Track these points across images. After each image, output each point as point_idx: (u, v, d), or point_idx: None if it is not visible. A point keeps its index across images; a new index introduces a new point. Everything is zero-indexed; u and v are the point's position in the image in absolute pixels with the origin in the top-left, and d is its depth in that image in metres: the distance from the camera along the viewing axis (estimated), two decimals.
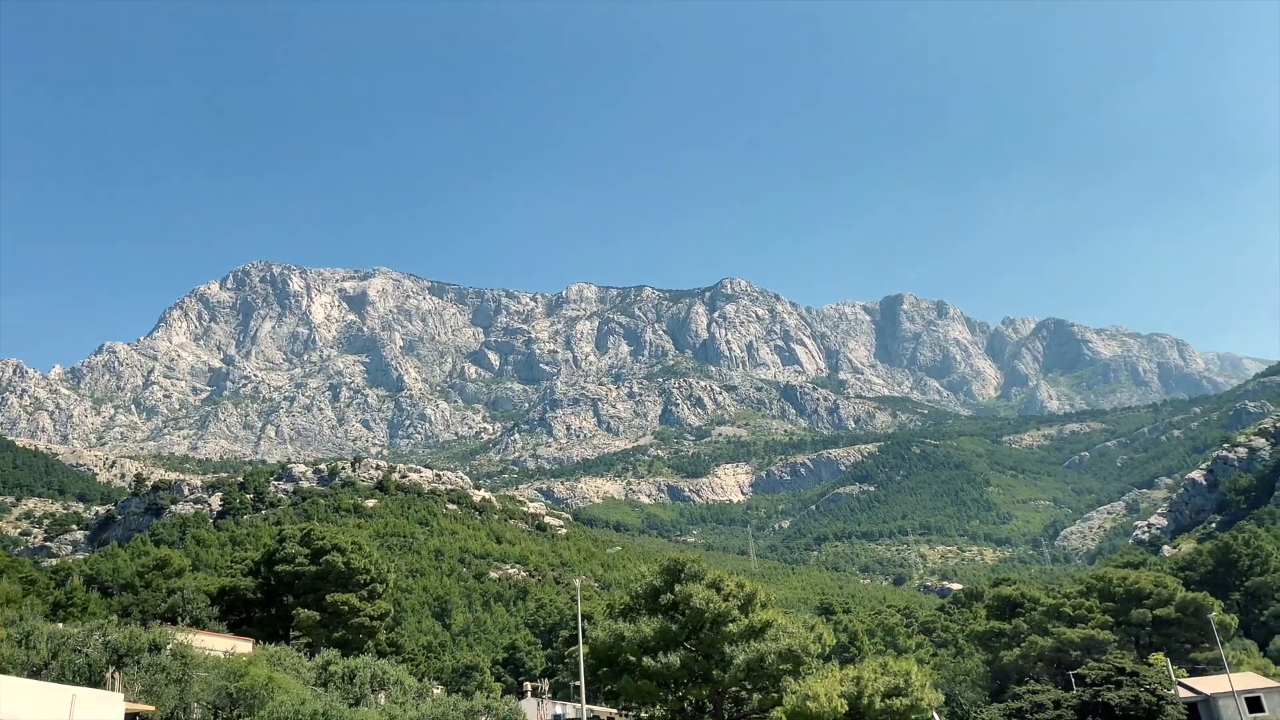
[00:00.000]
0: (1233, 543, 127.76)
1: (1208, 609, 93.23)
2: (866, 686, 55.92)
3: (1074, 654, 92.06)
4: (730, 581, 59.75)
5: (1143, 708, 70.27)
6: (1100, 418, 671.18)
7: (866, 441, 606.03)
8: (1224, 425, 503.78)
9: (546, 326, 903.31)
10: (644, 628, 57.05)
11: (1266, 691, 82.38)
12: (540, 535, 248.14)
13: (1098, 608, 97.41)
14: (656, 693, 57.36)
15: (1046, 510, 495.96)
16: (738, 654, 55.95)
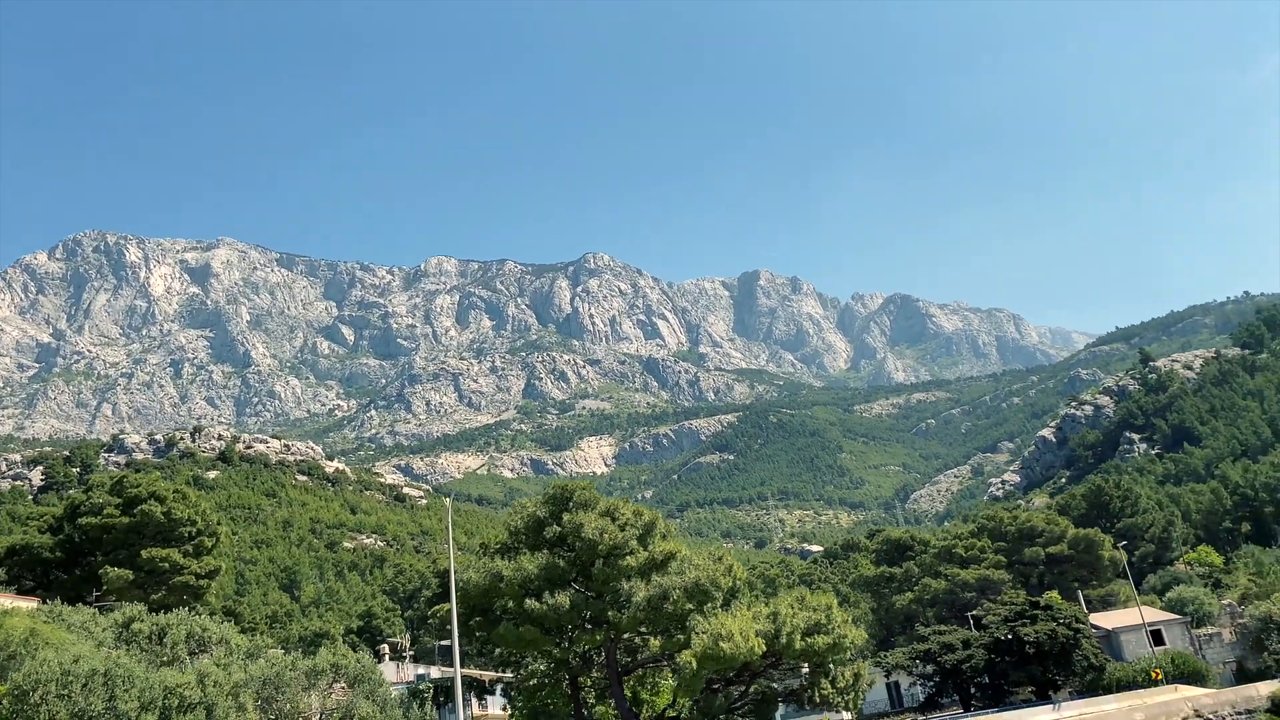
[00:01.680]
0: (1105, 485, 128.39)
1: (1099, 544, 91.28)
2: (784, 624, 48.97)
3: (968, 595, 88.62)
4: (626, 509, 51.69)
5: (1060, 642, 66.33)
6: (944, 387, 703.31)
7: (726, 412, 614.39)
8: (1059, 392, 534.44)
9: (404, 300, 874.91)
10: (526, 565, 48.43)
11: (1167, 624, 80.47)
12: (399, 506, 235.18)
13: (990, 548, 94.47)
14: (541, 641, 48.90)
15: (897, 475, 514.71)
16: (638, 590, 48.05)
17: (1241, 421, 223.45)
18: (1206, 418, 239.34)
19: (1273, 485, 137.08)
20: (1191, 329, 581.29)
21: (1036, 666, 67.99)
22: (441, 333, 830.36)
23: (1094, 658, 68.96)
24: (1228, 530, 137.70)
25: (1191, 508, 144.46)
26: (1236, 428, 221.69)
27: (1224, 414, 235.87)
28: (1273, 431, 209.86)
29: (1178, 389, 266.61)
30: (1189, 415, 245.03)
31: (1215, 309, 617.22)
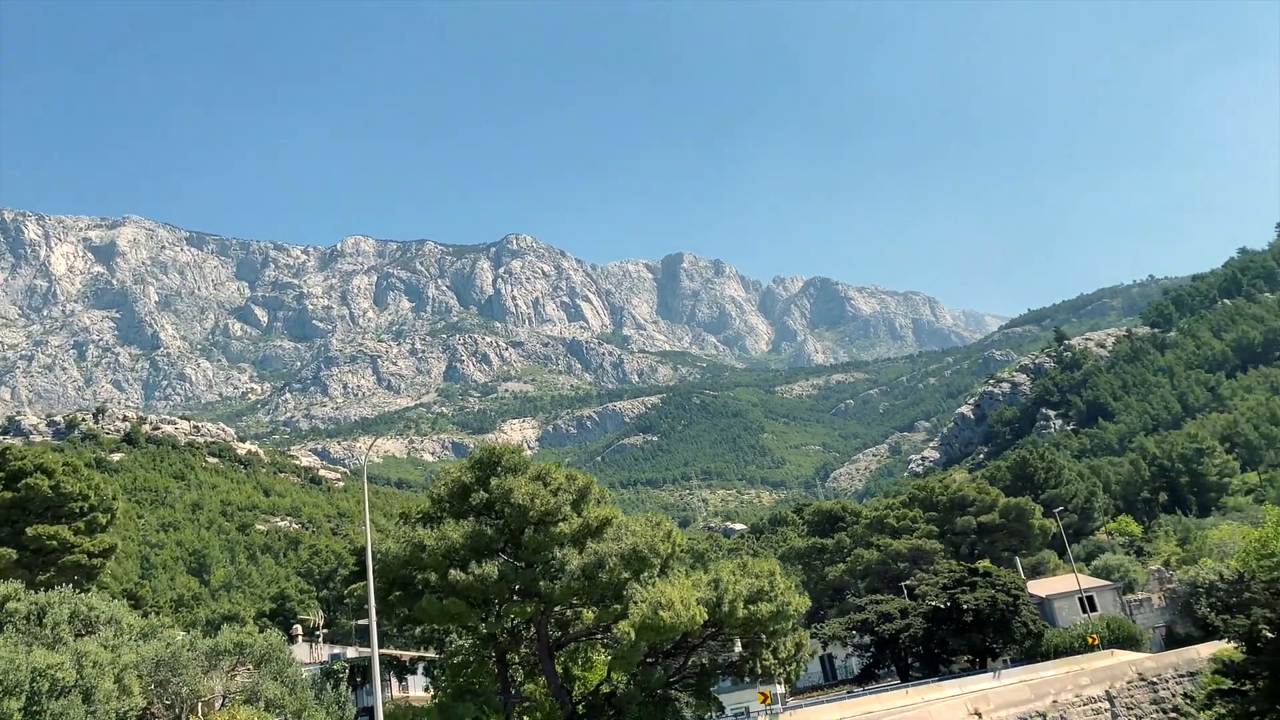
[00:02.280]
0: (1029, 457, 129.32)
1: (1030, 513, 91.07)
2: (726, 591, 46.37)
3: (901, 565, 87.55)
4: (559, 474, 48.41)
5: (999, 609, 65.19)
6: (863, 368, 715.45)
7: (650, 394, 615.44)
8: (973, 372, 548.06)
9: (320, 281, 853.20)
10: (451, 533, 44.87)
11: (1098, 590, 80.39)
12: (315, 488, 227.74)
13: (921, 518, 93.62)
14: (467, 615, 45.44)
15: (817, 454, 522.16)
16: (571, 559, 44.90)
17: (1153, 397, 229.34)
18: (1119, 394, 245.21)
19: (1188, 456, 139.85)
20: (1100, 311, 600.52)
21: (976, 634, 66.90)
22: (359, 314, 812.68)
23: (1032, 624, 68.18)
24: (1145, 500, 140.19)
25: (1111, 479, 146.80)
26: (1148, 403, 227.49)
27: (1136, 390, 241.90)
28: (1182, 406, 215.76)
29: (1092, 367, 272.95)
30: (1103, 392, 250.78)
31: (1123, 291, 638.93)
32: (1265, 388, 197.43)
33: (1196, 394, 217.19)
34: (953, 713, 43.23)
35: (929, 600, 68.51)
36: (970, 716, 44.20)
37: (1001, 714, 45.54)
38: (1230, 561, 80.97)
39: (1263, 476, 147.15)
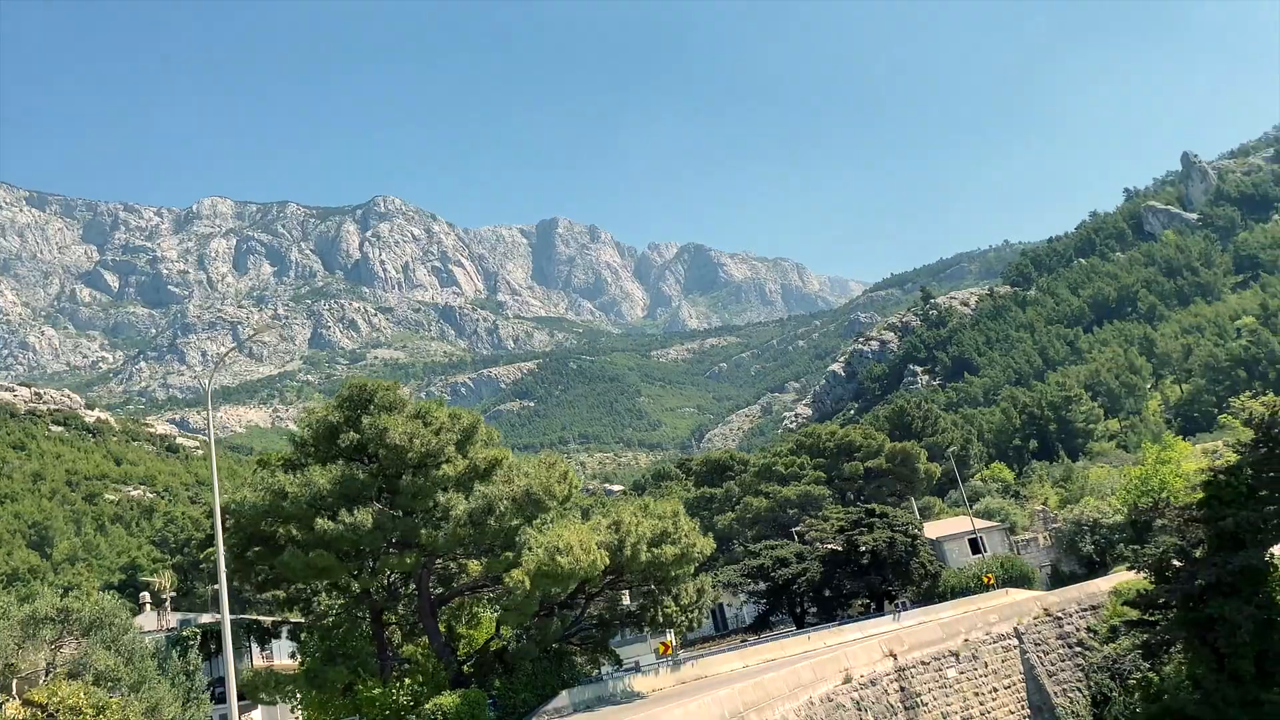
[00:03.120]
0: (907, 406, 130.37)
1: (916, 457, 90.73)
2: (628, 533, 42.64)
3: (790, 513, 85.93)
4: (441, 413, 43.62)
5: (898, 550, 63.64)
6: (735, 332, 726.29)
7: (526, 360, 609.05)
8: (840, 335, 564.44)
9: (175, 245, 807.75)
10: (317, 479, 39.64)
11: (986, 532, 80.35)
12: (172, 457, 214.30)
13: (809, 464, 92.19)
14: (337, 569, 40.46)
15: (692, 416, 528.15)
16: (456, 504, 40.35)
17: (1015, 352, 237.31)
18: (984, 349, 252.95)
19: (1057, 404, 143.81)
20: (958, 275, 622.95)
21: (875, 576, 65.42)
22: (218, 279, 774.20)
23: (929, 565, 67.15)
24: (1016, 448, 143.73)
25: (983, 428, 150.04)
26: (1011, 358, 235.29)
27: (999, 345, 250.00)
28: (1043, 360, 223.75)
29: (956, 324, 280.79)
30: (968, 348, 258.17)
31: (979, 256, 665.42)
32: (1120, 340, 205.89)
33: (1056, 348, 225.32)
34: (869, 654, 40.95)
35: (826, 543, 66.66)
36: (886, 658, 42.00)
37: (916, 654, 43.56)
38: (1112, 499, 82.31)
39: (1123, 423, 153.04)
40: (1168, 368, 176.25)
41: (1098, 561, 76.49)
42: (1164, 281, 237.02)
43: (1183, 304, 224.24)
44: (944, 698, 43.19)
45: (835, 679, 37.02)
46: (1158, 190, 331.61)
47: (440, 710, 37.01)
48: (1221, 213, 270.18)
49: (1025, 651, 49.04)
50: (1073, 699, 48.91)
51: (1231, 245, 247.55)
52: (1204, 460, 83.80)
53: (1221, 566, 41.03)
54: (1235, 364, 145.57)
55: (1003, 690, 46.94)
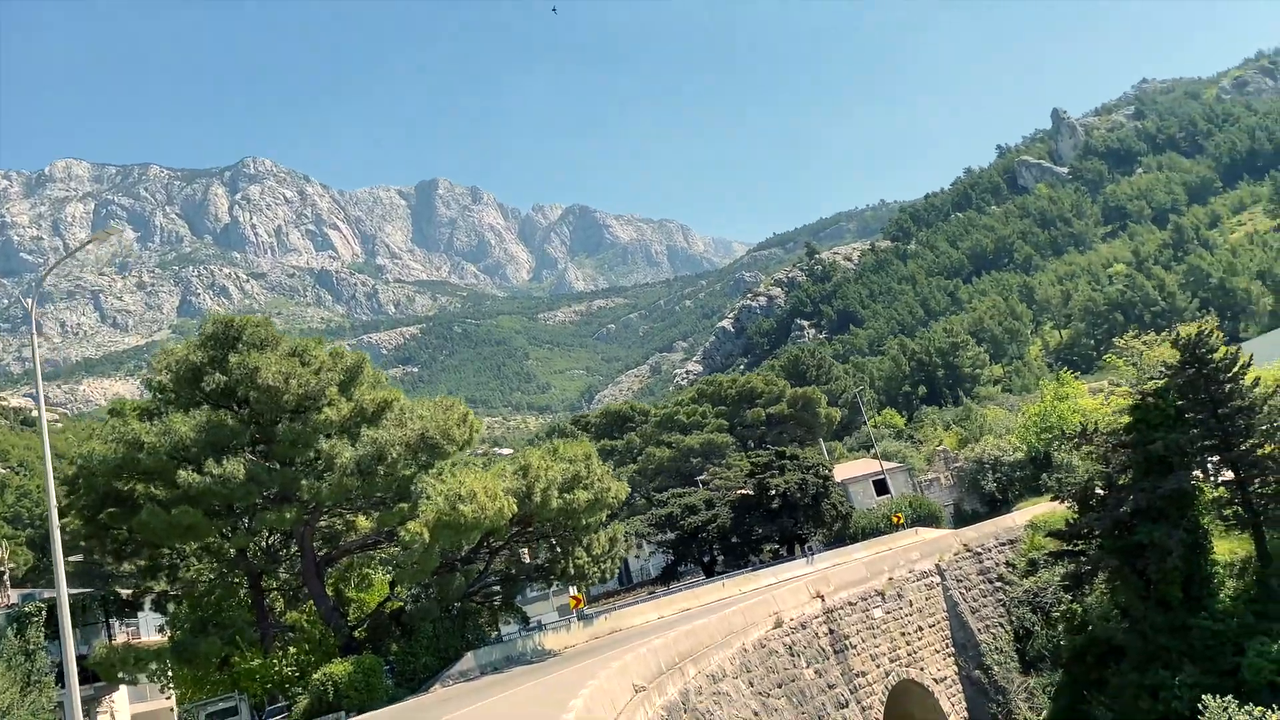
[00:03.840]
0: (801, 354, 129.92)
1: (817, 402, 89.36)
2: (537, 478, 38.84)
3: (694, 461, 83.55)
4: (320, 351, 38.83)
5: (810, 492, 61.58)
6: (622, 294, 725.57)
7: (409, 325, 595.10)
8: (725, 294, 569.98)
9: (27, 209, 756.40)
10: (178, 426, 34.59)
11: (891, 473, 79.45)
12: (28, 431, 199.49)
13: (711, 412, 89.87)
14: (204, 528, 35.59)
15: (581, 378, 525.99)
16: (342, 451, 35.84)
17: (898, 304, 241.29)
18: (868, 302, 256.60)
19: (945, 350, 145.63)
20: (838, 234, 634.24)
21: (787, 519, 63.37)
22: (75, 245, 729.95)
23: (840, 506, 65.51)
24: (906, 395, 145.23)
25: (874, 376, 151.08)
26: (894, 309, 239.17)
27: (883, 298, 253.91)
28: (925, 310, 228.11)
29: (841, 278, 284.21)
30: (852, 301, 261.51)
31: (857, 215, 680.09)
32: (999, 290, 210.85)
33: (938, 299, 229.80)
34: (796, 597, 38.53)
35: (735, 489, 64.26)
36: (814, 599, 39.63)
37: (843, 595, 41.37)
38: (1010, 438, 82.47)
39: (1007, 368, 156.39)
40: (1047, 314, 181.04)
41: (999, 499, 76.45)
42: (1039, 232, 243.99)
43: (1057, 254, 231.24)
44: (872, 639, 41.23)
45: (766, 624, 34.43)
46: (1029, 146, 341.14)
47: (330, 680, 32.82)
48: (1090, 166, 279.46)
49: (948, 588, 47.60)
50: (995, 635, 47.76)
51: (1101, 197, 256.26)
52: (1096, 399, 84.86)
53: (1151, 491, 39.92)
54: (1112, 308, 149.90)
55: (928, 629, 45.36)
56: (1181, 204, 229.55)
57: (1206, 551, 40.81)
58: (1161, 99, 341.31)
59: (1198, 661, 38.68)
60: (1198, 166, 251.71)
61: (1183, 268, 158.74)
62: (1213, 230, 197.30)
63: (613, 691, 19.78)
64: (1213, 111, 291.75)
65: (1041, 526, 53.44)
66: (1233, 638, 38.95)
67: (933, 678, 44.05)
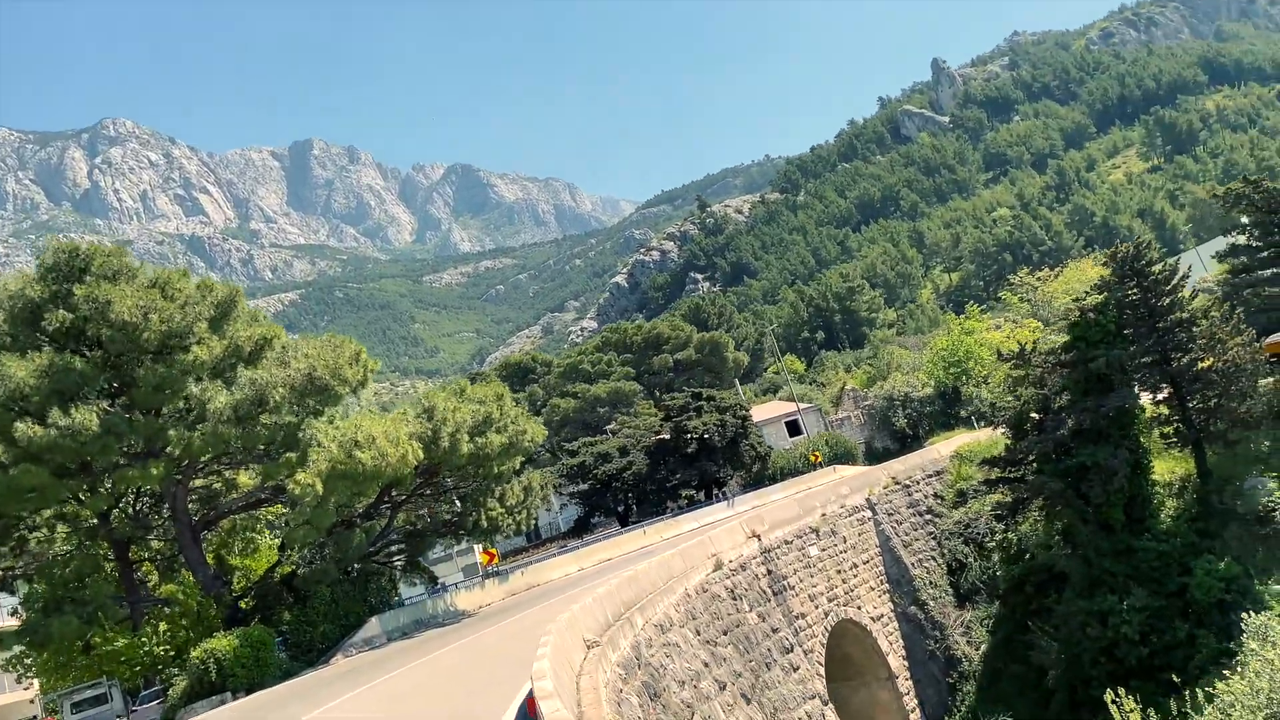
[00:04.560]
0: (702, 303, 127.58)
1: (724, 346, 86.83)
2: (445, 421, 34.72)
3: (601, 411, 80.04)
4: (185, 283, 33.67)
5: (729, 433, 58.80)
6: (510, 254, 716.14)
7: (287, 290, 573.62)
8: (616, 252, 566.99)
9: None
10: (14, 371, 29.24)
11: (804, 413, 77.55)
12: None
13: (617, 360, 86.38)
14: (54, 489, 30.48)
15: (470, 341, 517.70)
16: (215, 395, 31.04)
17: (790, 254, 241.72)
18: (760, 253, 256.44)
19: (842, 294, 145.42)
20: (725, 189, 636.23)
21: (706, 462, 60.54)
22: None
23: (758, 447, 63.03)
24: (805, 341, 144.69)
25: (773, 323, 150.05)
26: (787, 259, 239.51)
27: (775, 249, 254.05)
28: (817, 260, 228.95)
29: (733, 231, 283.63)
30: (745, 252, 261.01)
31: (744, 170, 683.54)
32: (887, 237, 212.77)
33: (829, 248, 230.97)
34: (733, 537, 35.66)
35: (650, 435, 61.08)
36: (750, 539, 36.81)
37: (779, 534, 38.70)
38: (919, 374, 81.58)
39: (900, 311, 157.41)
40: (937, 258, 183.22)
41: (910, 435, 75.40)
42: (924, 180, 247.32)
43: (942, 200, 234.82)
44: (809, 578, 38.79)
45: (706, 566, 31.47)
46: (910, 97, 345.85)
47: (213, 657, 28.42)
48: (970, 115, 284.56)
49: (880, 523, 45.57)
50: (929, 569, 46.03)
51: (981, 144, 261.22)
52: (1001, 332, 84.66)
53: (1095, 410, 38.23)
54: (1001, 248, 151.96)
55: (862, 565, 43.24)
56: (1059, 149, 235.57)
57: (1147, 472, 39.46)
58: (1033, 50, 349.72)
59: (1144, 584, 37.34)
60: (1072, 113, 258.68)
61: (1068, 207, 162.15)
62: (1091, 173, 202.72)
63: (568, 649, 16.27)
64: (1083, 61, 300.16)
65: (967, 457, 51.96)
66: (1178, 558, 37.72)
67: (870, 616, 41.95)
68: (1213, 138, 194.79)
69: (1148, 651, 36.09)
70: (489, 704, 17.63)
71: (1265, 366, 39.58)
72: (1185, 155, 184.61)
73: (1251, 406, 38.32)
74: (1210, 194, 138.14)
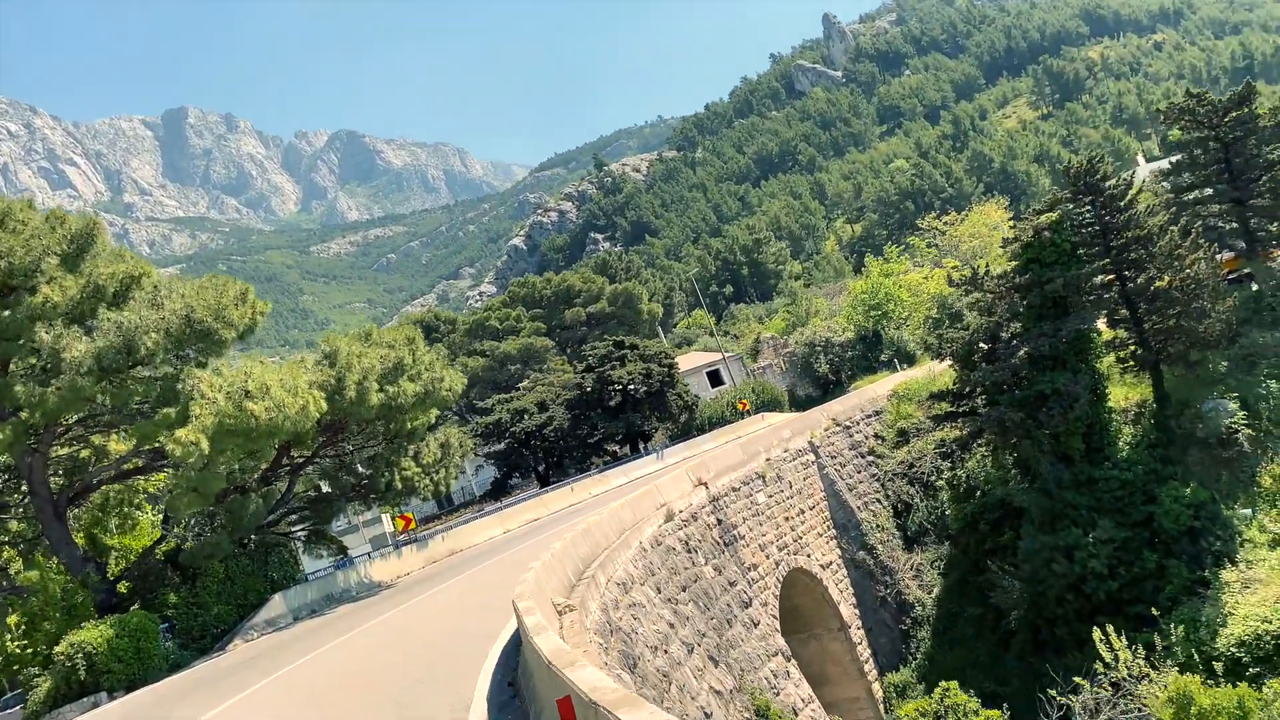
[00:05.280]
0: (608, 258, 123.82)
1: (639, 298, 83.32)
2: (350, 367, 30.28)
3: (512, 369, 75.74)
4: (31, 214, 28.34)
5: (656, 381, 55.37)
6: (401, 221, 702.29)
7: (166, 265, 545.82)
8: (510, 216, 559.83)
9: None
10: None
11: (725, 362, 74.74)
12: None
13: (526, 316, 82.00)
14: None
15: (362, 311, 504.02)
16: (73, 343, 26.04)
17: (691, 211, 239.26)
18: (661, 212, 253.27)
19: (749, 247, 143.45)
20: (620, 151, 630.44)
21: (633, 414, 57.00)
22: None
23: (686, 396, 59.84)
24: (714, 295, 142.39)
25: (680, 275, 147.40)
26: (688, 217, 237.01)
27: (675, 206, 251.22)
28: (718, 216, 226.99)
29: (632, 189, 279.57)
30: (645, 211, 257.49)
31: (636, 132, 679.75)
32: (787, 191, 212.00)
33: (729, 204, 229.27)
34: (679, 486, 32.40)
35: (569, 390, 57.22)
36: (698, 487, 33.59)
37: (725, 481, 35.59)
38: (838, 319, 79.66)
39: (805, 263, 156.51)
40: (839, 209, 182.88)
41: (833, 380, 73.43)
42: (820, 134, 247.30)
43: (839, 154, 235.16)
44: (759, 527, 35.90)
45: (657, 518, 28.18)
46: (802, 52, 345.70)
47: (81, 652, 23.79)
48: (863, 69, 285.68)
49: (823, 466, 42.96)
50: (875, 512, 43.70)
51: (875, 98, 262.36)
52: (919, 273, 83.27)
53: (1054, 335, 35.98)
54: (903, 196, 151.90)
55: (809, 511, 40.60)
56: (951, 101, 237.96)
57: (1104, 399, 37.54)
58: (918, 5, 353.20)
59: (1108, 516, 35.44)
60: (961, 65, 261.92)
61: (966, 154, 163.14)
62: (984, 122, 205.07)
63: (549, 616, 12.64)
64: (969, 14, 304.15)
65: (906, 395, 49.75)
66: (1141, 486, 35.92)
67: (819, 564, 39.33)
68: (1098, 85, 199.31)
69: (1117, 585, 34.24)
70: (439, 699, 13.86)
71: (1224, 285, 38.02)
72: (1075, 102, 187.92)
73: (1210, 326, 36.63)
74: (1103, 136, 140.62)
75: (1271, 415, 36.49)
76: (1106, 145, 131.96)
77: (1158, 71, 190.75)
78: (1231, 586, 31.93)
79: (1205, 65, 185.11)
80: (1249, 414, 36.52)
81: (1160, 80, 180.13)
